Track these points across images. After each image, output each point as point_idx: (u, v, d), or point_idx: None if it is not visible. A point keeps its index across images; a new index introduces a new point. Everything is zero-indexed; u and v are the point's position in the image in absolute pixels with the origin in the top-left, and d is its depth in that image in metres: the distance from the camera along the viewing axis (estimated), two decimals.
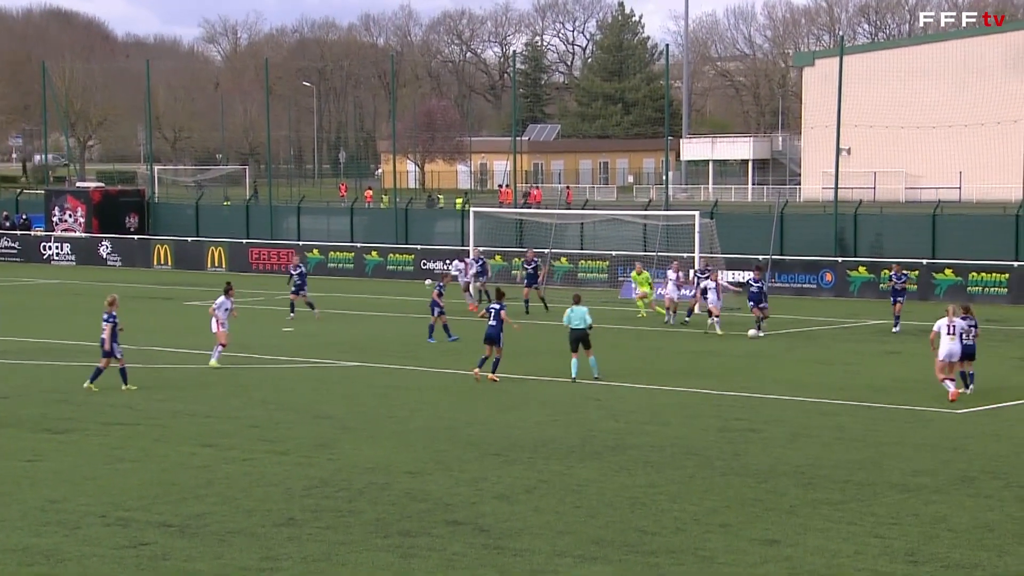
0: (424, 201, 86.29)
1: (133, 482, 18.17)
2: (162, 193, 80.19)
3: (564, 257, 48.61)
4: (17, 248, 60.52)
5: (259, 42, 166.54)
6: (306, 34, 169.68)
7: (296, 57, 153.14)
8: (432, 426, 22.24)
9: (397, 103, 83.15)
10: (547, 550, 15.00)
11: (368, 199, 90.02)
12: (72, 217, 60.61)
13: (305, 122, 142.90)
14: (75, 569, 14.29)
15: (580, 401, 24.71)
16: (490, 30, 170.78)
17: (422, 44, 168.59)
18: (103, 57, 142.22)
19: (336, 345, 32.28)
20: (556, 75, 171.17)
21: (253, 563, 14.51)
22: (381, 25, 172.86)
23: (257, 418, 22.94)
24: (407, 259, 51.72)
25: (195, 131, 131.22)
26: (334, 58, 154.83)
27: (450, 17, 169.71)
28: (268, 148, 69.54)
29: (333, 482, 18.18)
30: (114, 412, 23.41)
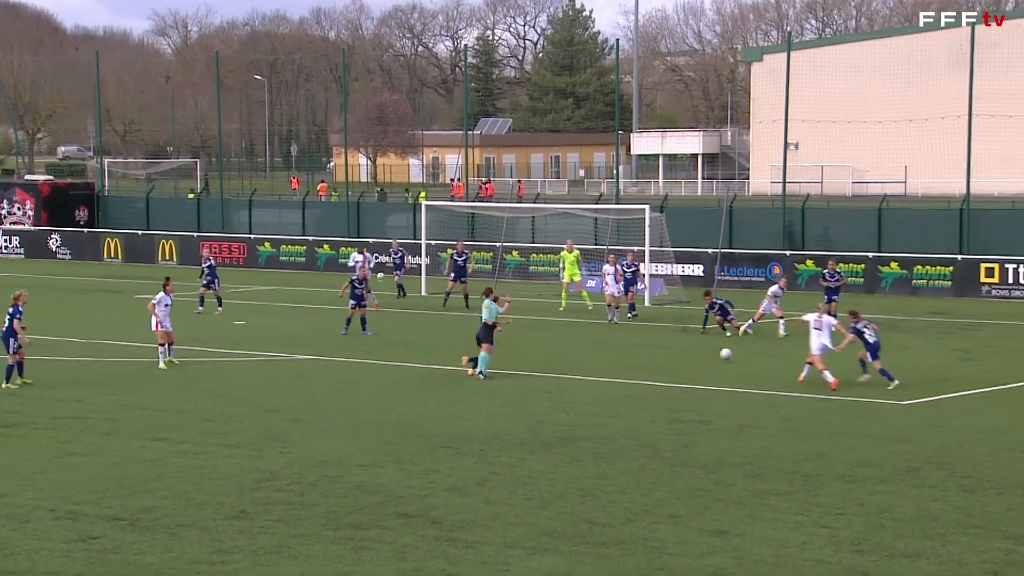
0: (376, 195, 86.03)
1: (83, 476, 18.04)
2: (112, 186, 79.49)
3: (516, 251, 48.64)
4: None
5: (210, 35, 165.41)
6: (257, 27, 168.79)
7: (247, 50, 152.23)
8: (383, 419, 22.21)
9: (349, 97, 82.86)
10: (498, 541, 15.03)
11: (322, 192, 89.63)
12: (21, 210, 60.00)
13: (256, 115, 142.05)
14: (24, 563, 14.17)
15: (530, 393, 24.74)
16: (441, 24, 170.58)
17: (373, 38, 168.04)
18: (52, 49, 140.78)
19: (288, 338, 32.16)
20: (507, 69, 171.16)
21: (204, 556, 14.45)
22: (332, 19, 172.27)
23: (208, 411, 22.82)
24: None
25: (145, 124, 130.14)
26: (285, 51, 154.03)
27: (401, 11, 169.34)
28: (219, 141, 69.08)
29: (284, 475, 18.12)
30: (63, 406, 23.22)
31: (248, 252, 53.83)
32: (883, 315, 37.84)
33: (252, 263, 53.17)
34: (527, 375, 26.84)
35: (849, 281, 43.73)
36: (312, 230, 54.96)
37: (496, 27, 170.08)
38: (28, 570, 13.96)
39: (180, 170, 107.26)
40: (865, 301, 41.52)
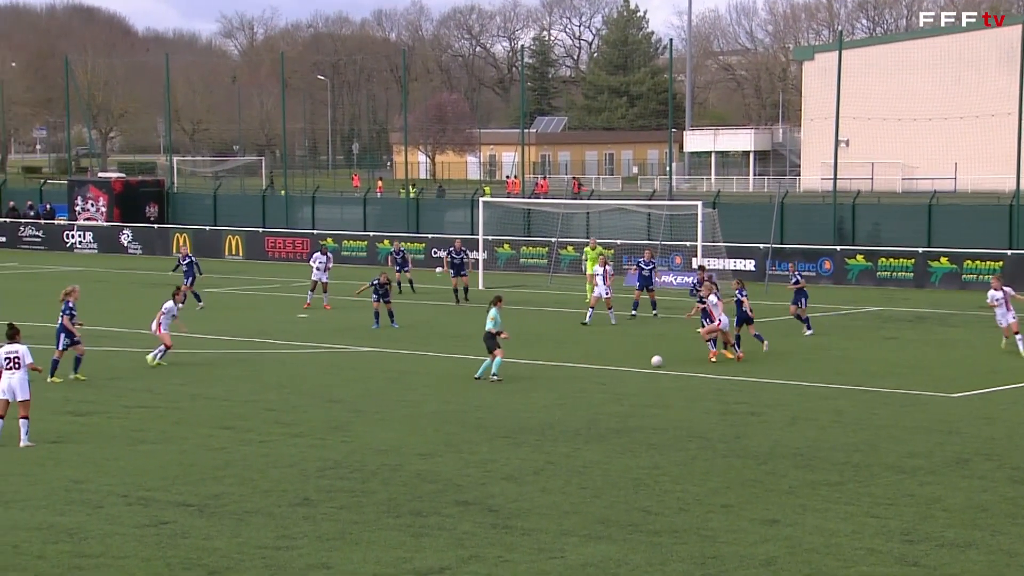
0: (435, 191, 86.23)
1: (154, 463, 18.21)
2: (181, 183, 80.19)
3: (571, 246, 48.57)
4: (41, 236, 60.59)
5: (275, 36, 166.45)
6: (320, 29, 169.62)
7: (311, 51, 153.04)
8: (442, 410, 22.26)
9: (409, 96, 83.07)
10: (554, 529, 15.02)
11: (380, 190, 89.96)
12: (94, 206, 60.67)
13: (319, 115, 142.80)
14: (98, 547, 14.33)
15: (585, 385, 24.71)
16: (499, 25, 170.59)
17: (433, 39, 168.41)
18: (124, 51, 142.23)
19: (348, 331, 32.31)
20: (563, 69, 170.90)
21: (270, 541, 14.54)
22: (393, 20, 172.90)
23: (273, 401, 22.97)
24: (418, 248, 51.69)
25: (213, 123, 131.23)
26: (348, 52, 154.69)
27: (460, 12, 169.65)
28: (284, 140, 69.54)
29: (347, 464, 18.21)
30: (134, 396, 23.45)
31: (311, 247, 54.03)
32: (933, 309, 37.49)
33: None
34: (582, 367, 26.81)
35: (899, 276, 43.41)
36: (373, 226, 55.16)
37: (552, 28, 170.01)
38: (102, 553, 14.12)
39: (246, 168, 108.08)
40: (915, 295, 41.18)
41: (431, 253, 51.12)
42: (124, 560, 13.86)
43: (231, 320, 34.89)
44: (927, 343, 31.06)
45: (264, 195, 62.17)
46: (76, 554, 14.06)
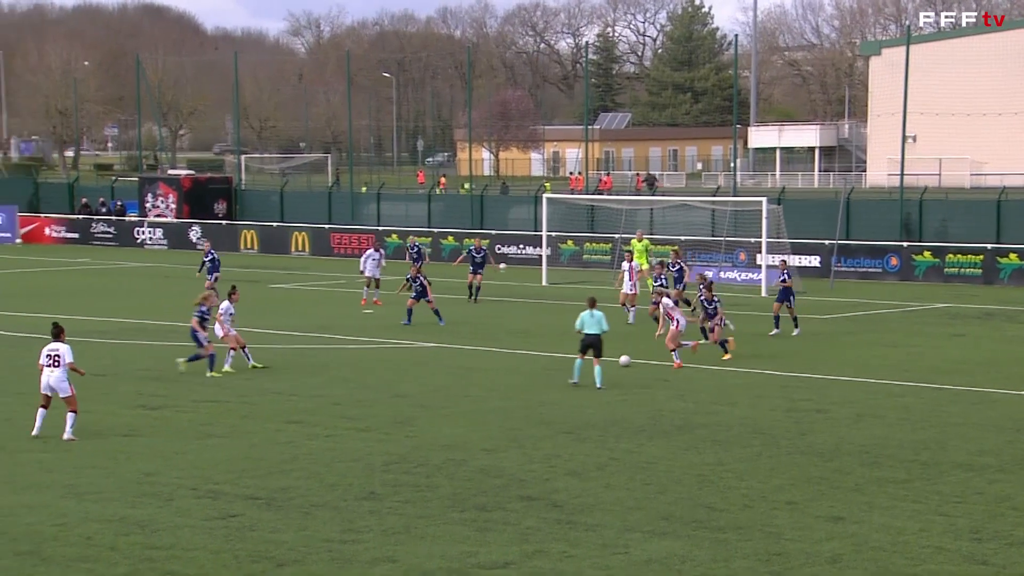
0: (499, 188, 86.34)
1: (222, 457, 18.39)
2: (248, 180, 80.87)
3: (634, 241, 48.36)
4: (113, 233, 61.34)
5: (341, 35, 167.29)
6: (386, 27, 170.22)
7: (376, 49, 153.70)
8: (506, 406, 22.28)
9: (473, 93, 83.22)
10: (618, 525, 14.99)
11: (442, 186, 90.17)
12: (164, 203, 61.33)
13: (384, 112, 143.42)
14: (168, 539, 14.50)
15: (648, 382, 24.63)
16: (563, 22, 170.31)
17: (497, 36, 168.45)
18: (193, 50, 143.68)
19: (413, 327, 32.42)
20: (627, 65, 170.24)
21: (336, 535, 14.64)
22: (458, 17, 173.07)
23: (339, 396, 23.12)
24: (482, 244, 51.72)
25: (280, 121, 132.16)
26: (413, 50, 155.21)
27: (525, 9, 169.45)
28: (350, 137, 69.94)
29: (412, 458, 18.28)
30: (204, 390, 23.69)
31: (376, 242, 54.31)
32: (1001, 306, 36.98)
33: None
34: (645, 363, 26.72)
35: (967, 272, 42.84)
36: (437, 222, 55.32)
37: (616, 24, 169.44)
38: (172, 545, 14.28)
39: (312, 165, 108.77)
40: (983, 292, 40.63)
41: (495, 249, 51.18)
42: (193, 552, 14.01)
43: (297, 315, 35.14)
44: (996, 340, 30.64)
45: (330, 192, 62.54)
46: (147, 546, 14.23)
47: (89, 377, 24.68)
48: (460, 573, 13.38)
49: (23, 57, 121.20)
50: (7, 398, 22.71)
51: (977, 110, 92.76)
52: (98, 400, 22.55)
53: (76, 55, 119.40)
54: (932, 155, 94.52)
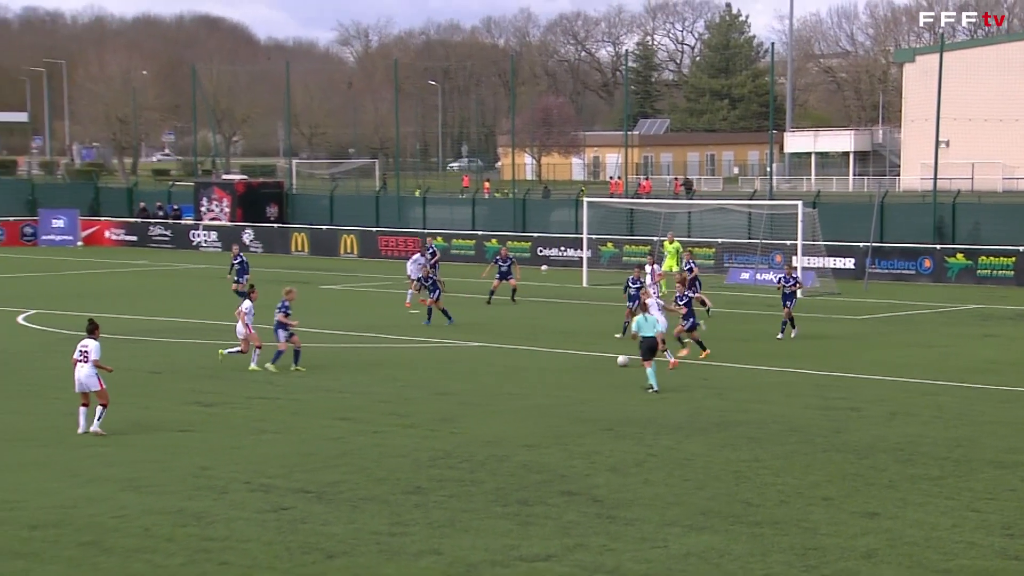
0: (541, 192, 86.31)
1: (274, 452, 18.49)
2: (299, 185, 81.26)
3: None
4: (169, 235, 61.83)
5: (389, 44, 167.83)
6: (432, 36, 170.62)
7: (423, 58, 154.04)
8: (548, 404, 22.28)
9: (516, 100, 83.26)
10: (657, 520, 14.96)
11: (486, 191, 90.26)
12: (218, 207, 61.75)
13: (430, 118, 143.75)
14: (223, 530, 14.59)
15: (686, 380, 24.56)
16: (604, 30, 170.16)
17: (540, 44, 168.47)
18: (247, 59, 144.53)
19: (458, 326, 32.48)
20: (666, 73, 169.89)
21: (384, 528, 14.69)
22: (502, 27, 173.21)
23: (386, 394, 23.19)
24: (524, 246, 51.84)
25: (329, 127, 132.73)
26: (458, 58, 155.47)
27: (566, 19, 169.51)
28: (397, 143, 70.09)
29: (456, 454, 18.32)
30: (256, 387, 23.83)
31: (421, 246, 54.46)
32: None
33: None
34: (683, 363, 26.63)
35: (999, 274, 42.44)
36: (481, 225, 55.40)
37: (655, 33, 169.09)
38: (227, 537, 14.38)
39: (360, 170, 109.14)
40: (1015, 294, 40.25)
41: (536, 252, 51.21)
42: (247, 544, 14.10)
43: (346, 315, 35.28)
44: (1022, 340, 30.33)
45: (377, 196, 62.72)
46: (203, 537, 14.33)
47: (146, 375, 24.94)
48: (503, 565, 13.39)
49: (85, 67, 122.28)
50: (68, 394, 22.90)
51: (1009, 115, 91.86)
52: (155, 397, 22.75)
53: (135, 65, 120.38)
54: (965, 159, 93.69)
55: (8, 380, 24.09)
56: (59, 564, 13.42)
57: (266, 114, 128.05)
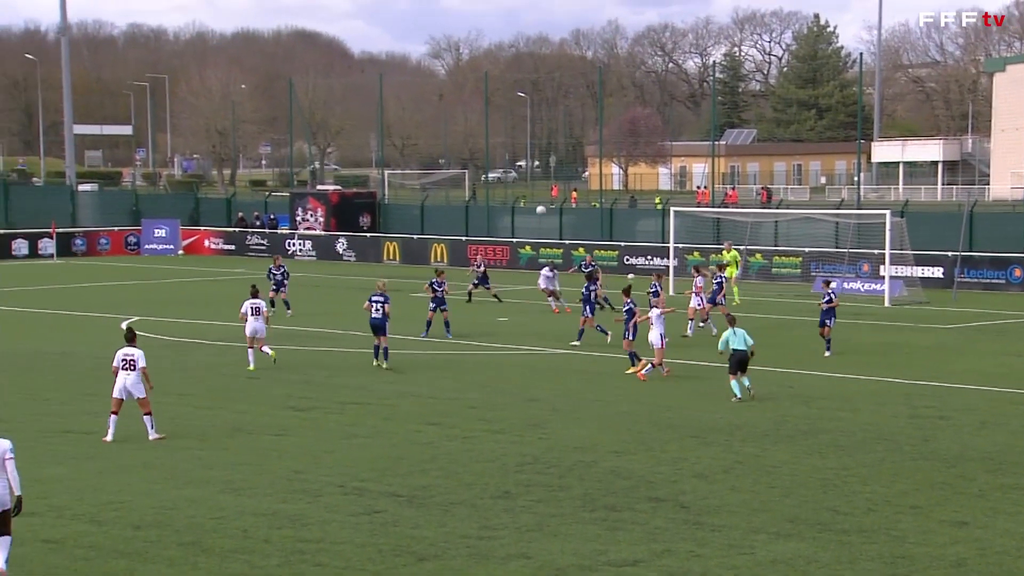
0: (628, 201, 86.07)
1: (366, 456, 18.62)
2: (391, 195, 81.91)
3: (759, 253, 47.89)
4: (266, 244, 62.57)
5: (479, 57, 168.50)
6: (521, 49, 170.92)
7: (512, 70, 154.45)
8: (634, 410, 22.18)
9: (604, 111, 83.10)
10: (743, 526, 14.82)
11: (574, 200, 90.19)
12: (313, 217, 62.42)
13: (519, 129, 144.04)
14: (317, 533, 14.73)
15: (772, 388, 24.30)
16: (691, 42, 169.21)
17: (628, 56, 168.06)
18: (341, 73, 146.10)
19: (546, 334, 32.47)
20: (753, 83, 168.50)
21: (473, 531, 14.72)
22: (590, 39, 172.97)
23: (475, 400, 23.25)
24: (611, 255, 51.72)
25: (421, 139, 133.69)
26: (547, 70, 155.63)
27: (654, 31, 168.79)
28: (487, 154, 70.40)
29: (544, 459, 18.30)
30: (348, 393, 24.02)
31: (510, 254, 54.64)
32: None
33: (514, 264, 53.94)
34: (770, 370, 26.37)
35: None
36: (568, 234, 55.36)
37: (743, 44, 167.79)
38: (321, 539, 14.51)
39: (450, 180, 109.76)
40: None
41: (623, 261, 51.04)
42: (340, 546, 14.21)
43: (435, 323, 35.42)
44: None
45: (467, 206, 62.97)
46: (298, 539, 14.48)
47: (243, 380, 25.28)
48: (591, 570, 13.35)
49: (187, 81, 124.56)
50: (169, 398, 23.31)
51: None
52: (251, 401, 23.04)
53: (234, 79, 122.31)
54: None
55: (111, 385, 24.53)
56: (160, 564, 13.65)
57: (359, 126, 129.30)
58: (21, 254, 59.62)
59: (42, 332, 31.17)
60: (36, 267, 55.75)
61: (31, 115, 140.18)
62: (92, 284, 47.91)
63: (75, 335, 32.34)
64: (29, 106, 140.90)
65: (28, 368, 26.61)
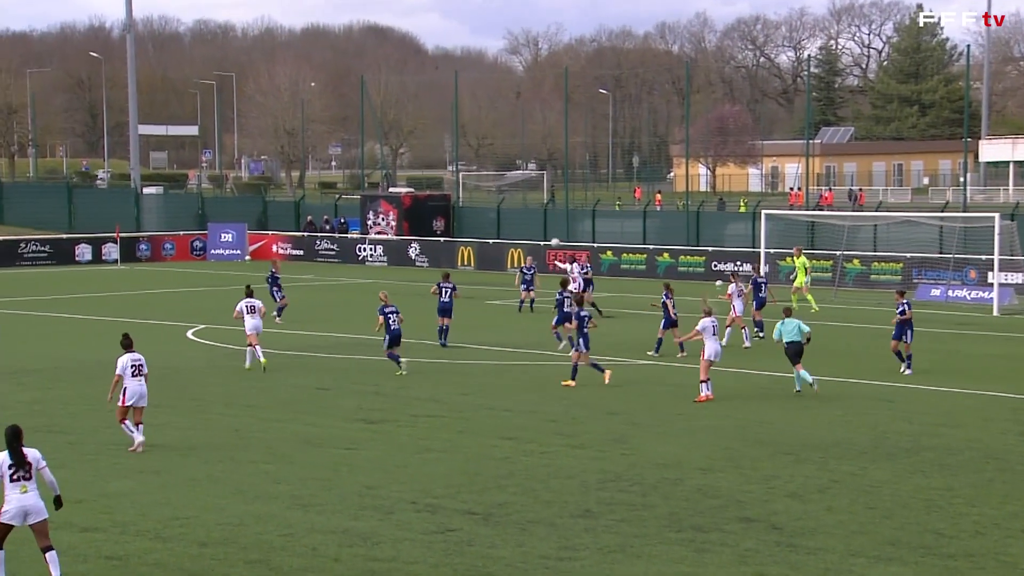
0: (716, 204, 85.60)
1: (440, 471, 18.70)
2: (466, 197, 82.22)
3: (856, 259, 47.37)
4: (336, 250, 63.12)
5: (559, 52, 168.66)
6: (603, 43, 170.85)
7: (593, 65, 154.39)
8: (722, 424, 22.04)
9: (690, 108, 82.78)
10: (841, 549, 14.66)
11: (658, 203, 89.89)
12: (384, 221, 62.84)
13: (600, 128, 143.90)
14: (389, 551, 14.81)
15: (870, 403, 24.02)
16: (784, 35, 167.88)
17: (716, 50, 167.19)
18: (415, 69, 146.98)
19: (627, 344, 32.37)
20: (850, 78, 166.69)
21: (552, 552, 14.72)
22: (676, 32, 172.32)
23: (554, 413, 23.25)
24: (698, 260, 51.46)
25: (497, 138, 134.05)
26: (630, 65, 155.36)
27: (744, 23, 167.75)
28: (566, 154, 70.44)
29: (627, 476, 18.26)
30: (421, 405, 24.14)
31: (591, 260, 54.52)
32: None
33: (594, 270, 53.78)
34: (867, 383, 26.07)
35: None
36: (652, 239, 55.18)
37: (839, 36, 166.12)
38: (393, 558, 14.59)
39: (528, 182, 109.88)
40: None
41: (711, 266, 50.75)
42: (413, 565, 14.29)
43: (512, 331, 35.50)
44: None
45: (545, 208, 63.02)
46: (369, 558, 14.57)
47: (313, 391, 25.51)
48: None
49: (255, 79, 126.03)
50: (235, 410, 23.61)
51: None
52: (321, 413, 23.24)
53: (303, 76, 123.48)
54: None
55: (177, 396, 24.93)
56: None
57: (433, 125, 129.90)
58: (84, 260, 60.72)
59: (106, 341, 31.70)
60: (100, 273, 56.74)
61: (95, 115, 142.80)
62: (157, 290, 48.67)
63: (139, 345, 32.80)
64: (93, 106, 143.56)
65: (91, 377, 27.09)
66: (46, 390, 25.60)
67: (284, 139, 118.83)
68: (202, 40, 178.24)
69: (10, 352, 30.98)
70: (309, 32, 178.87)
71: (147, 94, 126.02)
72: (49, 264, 59.46)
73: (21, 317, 39.73)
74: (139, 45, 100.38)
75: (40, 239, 61.32)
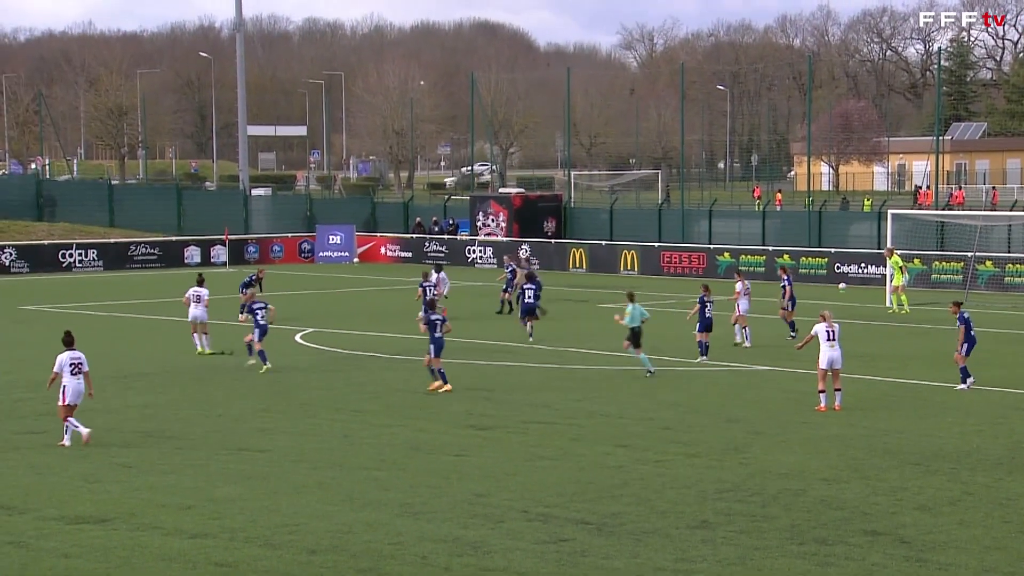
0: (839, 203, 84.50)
1: (552, 479, 18.70)
2: (578, 198, 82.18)
3: (989, 261, 46.40)
4: (444, 252, 63.49)
5: (674, 47, 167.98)
6: (721, 37, 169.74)
7: (711, 61, 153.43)
8: (847, 433, 21.74)
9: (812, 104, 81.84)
10: (975, 566, 14.38)
11: (779, 203, 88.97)
12: (494, 222, 63.06)
13: (718, 125, 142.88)
14: (501, 561, 14.86)
15: (1006, 411, 23.51)
16: (912, 27, 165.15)
17: (840, 44, 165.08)
18: (526, 67, 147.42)
19: (744, 348, 32.07)
20: (983, 71, 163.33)
21: (668, 564, 14.64)
22: (798, 26, 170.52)
23: (669, 420, 23.13)
24: (820, 263, 50.83)
25: (610, 137, 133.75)
26: (749, 60, 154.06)
27: (870, 15, 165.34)
28: (681, 152, 70.02)
29: (745, 486, 18.10)
30: (532, 411, 24.17)
31: (707, 262, 54.17)
32: None
33: (711, 273, 53.42)
34: (1002, 391, 25.52)
35: None
36: (772, 240, 54.62)
37: (972, 28, 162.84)
38: (504, 568, 14.63)
39: (642, 181, 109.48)
40: None
41: (834, 268, 50.09)
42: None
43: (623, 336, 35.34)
44: None
45: (660, 209, 62.76)
46: (480, 568, 14.62)
47: (422, 396, 25.69)
48: None
49: (364, 78, 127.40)
50: (344, 415, 23.88)
51: None
52: (430, 419, 23.39)
53: (413, 75, 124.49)
54: None
55: (285, 400, 25.29)
56: None
57: (544, 124, 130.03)
58: (193, 262, 61.86)
59: (215, 344, 32.30)
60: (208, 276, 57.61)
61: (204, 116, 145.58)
62: (265, 294, 49.38)
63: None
64: (202, 107, 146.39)
65: (201, 381, 27.61)
66: (157, 394, 26.13)
67: (392, 139, 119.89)
68: (311, 39, 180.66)
69: (121, 355, 31.71)
70: (418, 30, 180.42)
71: (256, 94, 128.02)
72: (158, 267, 60.69)
73: (131, 320, 40.64)
74: (248, 45, 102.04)
75: (150, 242, 62.60)
